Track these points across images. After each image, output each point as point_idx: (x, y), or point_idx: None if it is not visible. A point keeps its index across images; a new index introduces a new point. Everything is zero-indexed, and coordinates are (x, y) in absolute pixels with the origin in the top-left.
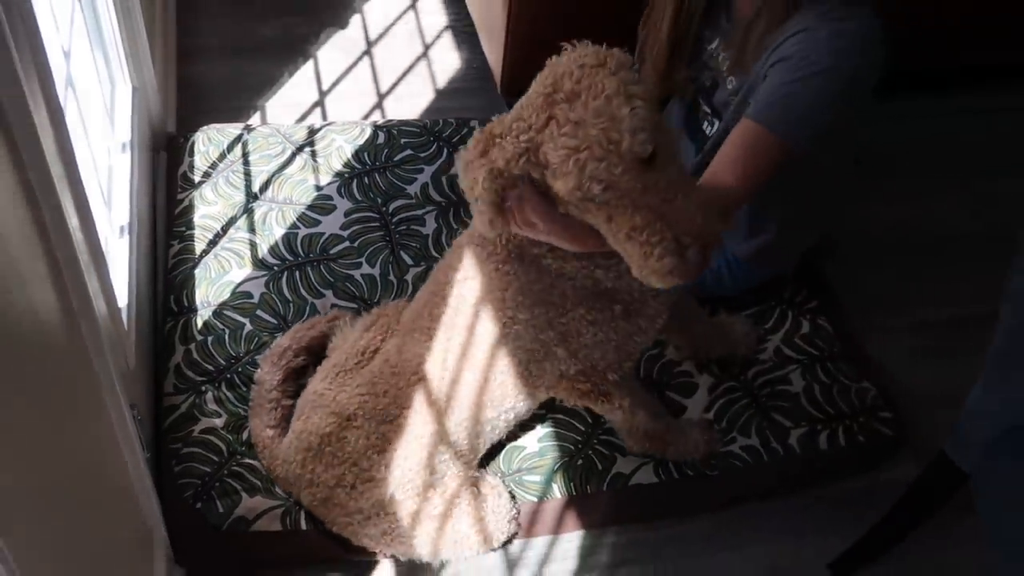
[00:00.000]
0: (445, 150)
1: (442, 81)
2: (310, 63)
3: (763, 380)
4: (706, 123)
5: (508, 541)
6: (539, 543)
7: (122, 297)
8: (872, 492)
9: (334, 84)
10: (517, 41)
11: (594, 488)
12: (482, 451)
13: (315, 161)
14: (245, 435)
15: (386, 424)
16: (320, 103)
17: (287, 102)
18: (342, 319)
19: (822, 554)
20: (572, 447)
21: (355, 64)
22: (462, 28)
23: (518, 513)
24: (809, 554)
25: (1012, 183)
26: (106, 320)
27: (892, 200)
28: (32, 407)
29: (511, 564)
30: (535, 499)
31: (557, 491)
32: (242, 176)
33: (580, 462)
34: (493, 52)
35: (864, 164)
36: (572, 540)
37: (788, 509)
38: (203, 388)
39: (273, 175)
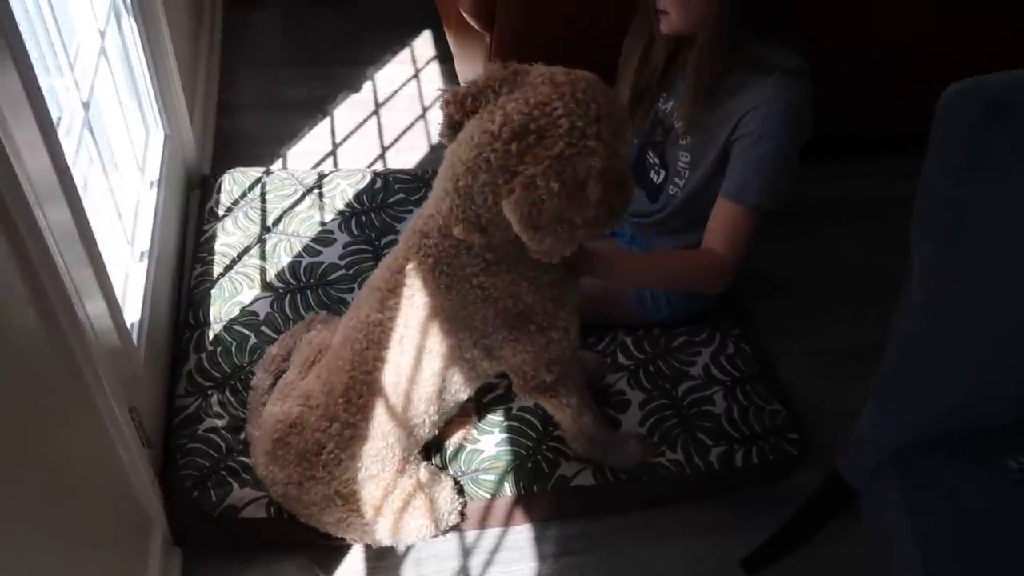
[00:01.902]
0: None
1: (435, 138)
2: (327, 120)
3: (691, 399)
4: (652, 172)
5: (454, 527)
6: (491, 534)
7: (135, 313)
8: (779, 498)
9: (346, 138)
10: None
11: (540, 487)
12: (420, 442)
13: (321, 201)
14: (242, 435)
15: (319, 432)
16: (333, 153)
17: (306, 151)
18: (316, 321)
19: (734, 549)
20: (524, 452)
21: (364, 122)
22: None
23: (464, 504)
24: (724, 549)
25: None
26: (110, 335)
27: (803, 244)
28: (18, 412)
29: (466, 551)
30: (488, 495)
31: (508, 489)
32: (259, 212)
33: (530, 465)
34: None
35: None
36: (520, 532)
37: (707, 510)
38: (210, 392)
39: (285, 212)
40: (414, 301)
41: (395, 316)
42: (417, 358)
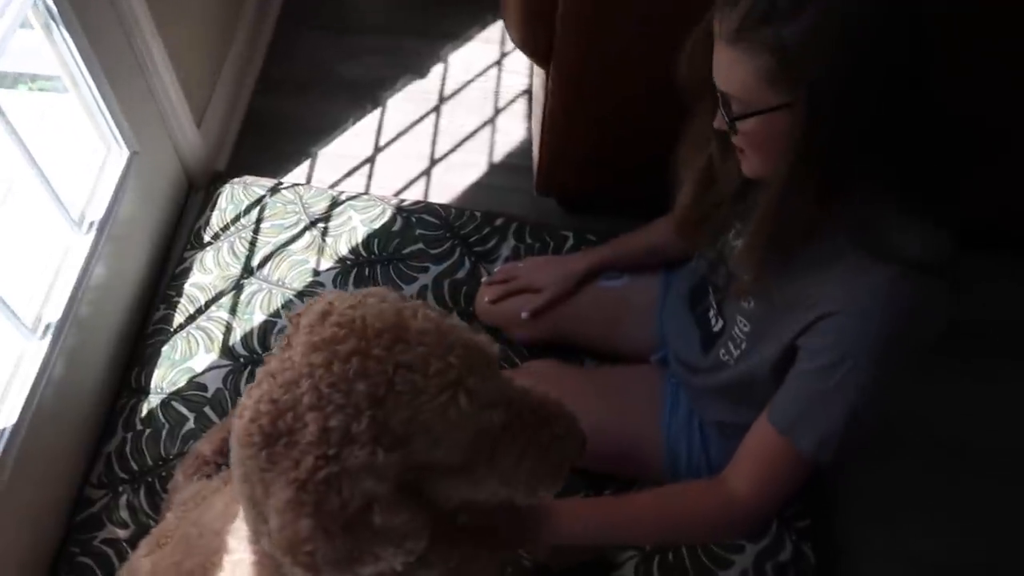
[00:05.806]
0: (458, 250)
1: (499, 153)
2: (377, 111)
3: None
4: (712, 312)
5: None
6: None
7: (12, 414)
8: None
9: (392, 140)
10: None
11: None
12: None
13: (323, 240)
14: None
15: None
16: (372, 159)
17: (342, 152)
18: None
19: None
20: None
21: (420, 120)
22: None
23: None
24: None
25: None
26: None
27: (933, 383)
28: None
29: None
30: None
31: None
32: (247, 245)
33: None
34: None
35: None
36: None
37: None
38: (120, 489)
39: (276, 250)
40: None
41: None
42: None
